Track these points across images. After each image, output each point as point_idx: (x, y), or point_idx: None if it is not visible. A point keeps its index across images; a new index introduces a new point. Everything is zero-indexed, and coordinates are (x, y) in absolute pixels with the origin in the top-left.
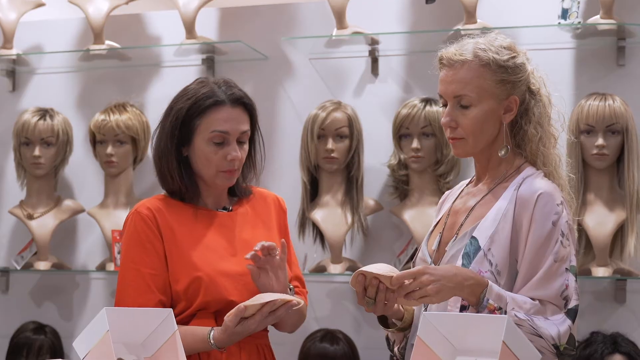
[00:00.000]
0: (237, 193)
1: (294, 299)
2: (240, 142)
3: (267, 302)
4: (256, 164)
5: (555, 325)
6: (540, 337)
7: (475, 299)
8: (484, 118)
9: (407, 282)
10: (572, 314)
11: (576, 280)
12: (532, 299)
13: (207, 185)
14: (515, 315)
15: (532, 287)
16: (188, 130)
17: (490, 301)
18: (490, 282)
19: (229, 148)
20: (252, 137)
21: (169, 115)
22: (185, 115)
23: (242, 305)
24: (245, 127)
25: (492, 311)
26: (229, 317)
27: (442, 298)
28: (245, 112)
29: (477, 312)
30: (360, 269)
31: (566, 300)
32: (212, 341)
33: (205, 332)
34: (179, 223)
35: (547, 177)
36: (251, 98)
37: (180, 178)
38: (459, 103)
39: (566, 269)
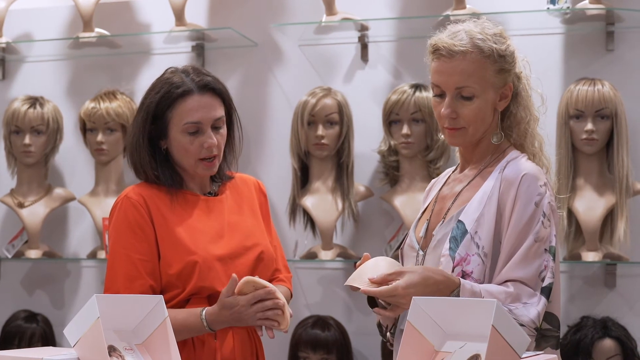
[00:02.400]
0: (219, 178)
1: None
2: (216, 128)
3: (264, 287)
4: (235, 148)
5: (533, 307)
6: (522, 325)
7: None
8: (485, 108)
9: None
10: (546, 292)
11: (554, 260)
12: (506, 282)
13: (190, 175)
14: None
15: (512, 267)
16: (162, 124)
17: None
18: (462, 281)
19: (204, 136)
20: (229, 121)
21: (141, 111)
22: (156, 109)
23: (235, 275)
24: (218, 112)
25: None
26: (224, 289)
27: None
28: (215, 97)
29: None
30: (348, 282)
31: (543, 280)
32: (203, 316)
33: (198, 309)
34: (168, 207)
35: (532, 158)
36: (222, 82)
37: (154, 172)
38: (460, 94)
39: (545, 249)
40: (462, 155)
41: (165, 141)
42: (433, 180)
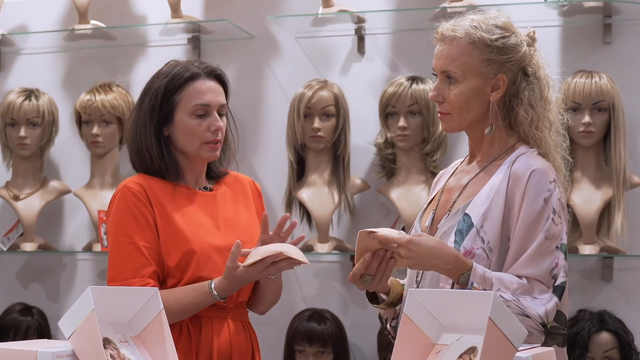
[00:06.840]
0: (215, 175)
1: (298, 257)
2: (220, 115)
3: (270, 255)
4: (230, 146)
5: (543, 304)
6: (528, 317)
7: (454, 279)
8: (468, 95)
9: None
10: (559, 291)
11: (565, 258)
12: (520, 277)
13: (189, 163)
14: (501, 296)
15: (522, 265)
16: (168, 108)
17: (475, 284)
18: (475, 265)
19: (211, 119)
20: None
21: (146, 96)
22: (164, 92)
23: (238, 241)
24: (223, 99)
25: None
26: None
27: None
28: (220, 85)
29: None
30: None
31: (555, 278)
32: (214, 292)
33: (206, 284)
34: (166, 198)
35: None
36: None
37: (159, 157)
38: (447, 79)
39: (556, 247)
40: (470, 147)
41: (169, 127)
42: (442, 171)
